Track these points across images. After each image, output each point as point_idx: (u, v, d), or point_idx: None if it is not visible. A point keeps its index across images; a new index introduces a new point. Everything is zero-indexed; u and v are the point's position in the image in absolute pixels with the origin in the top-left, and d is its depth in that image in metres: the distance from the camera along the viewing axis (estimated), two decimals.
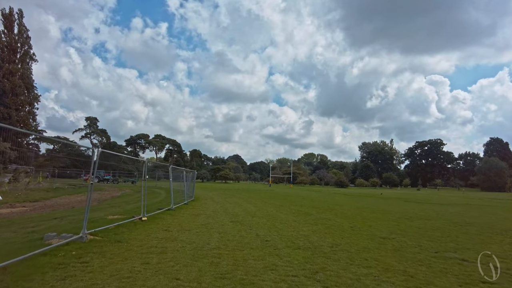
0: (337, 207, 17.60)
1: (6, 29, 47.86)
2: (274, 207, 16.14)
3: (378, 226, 10.36)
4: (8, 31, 48.11)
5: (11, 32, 48.52)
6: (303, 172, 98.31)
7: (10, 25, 48.42)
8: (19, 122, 49.12)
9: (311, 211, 14.64)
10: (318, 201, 22.76)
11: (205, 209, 13.89)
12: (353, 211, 15.48)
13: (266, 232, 8.38)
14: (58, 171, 52.52)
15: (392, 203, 23.70)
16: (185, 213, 12.22)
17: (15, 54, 49.43)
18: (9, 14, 48.24)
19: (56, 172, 46.31)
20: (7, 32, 47.89)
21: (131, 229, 7.93)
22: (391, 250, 6.77)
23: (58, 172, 53.98)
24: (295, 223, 10.43)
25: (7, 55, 48.04)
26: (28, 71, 52.32)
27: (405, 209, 18.18)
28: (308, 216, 12.69)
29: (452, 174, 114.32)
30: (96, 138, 79.44)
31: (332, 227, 9.71)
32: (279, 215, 12.68)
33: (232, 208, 14.93)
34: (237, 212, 13.21)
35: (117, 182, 50.11)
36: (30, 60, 52.72)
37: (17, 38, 49.62)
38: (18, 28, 49.97)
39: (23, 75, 50.32)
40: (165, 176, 44.96)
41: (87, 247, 5.74)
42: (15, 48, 49.19)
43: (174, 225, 8.98)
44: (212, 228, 8.58)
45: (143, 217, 9.52)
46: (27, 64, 52.00)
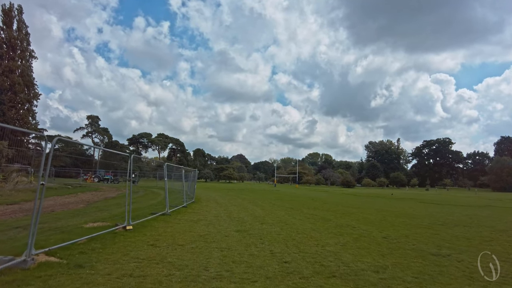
0: (355, 210, 15.66)
1: (5, 25, 46.55)
2: (285, 211, 14.24)
3: (415, 236, 8.42)
4: (7, 27, 46.79)
5: (11, 28, 47.19)
6: (308, 172, 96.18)
7: (9, 21, 47.09)
8: (18, 120, 47.87)
9: (328, 216, 12.71)
10: (330, 203, 20.81)
11: (206, 214, 12.03)
12: (375, 215, 13.53)
13: (283, 247, 6.48)
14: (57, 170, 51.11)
15: (410, 205, 21.70)
16: (182, 218, 10.36)
17: (15, 51, 48.08)
18: (9, 10, 46.91)
19: (54, 171, 44.67)
20: (6, 29, 46.58)
21: (106, 244, 6.07)
22: (461, 277, 4.85)
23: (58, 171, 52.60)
24: (315, 232, 8.51)
25: (6, 52, 46.72)
26: (28, 68, 51.00)
27: (429, 212, 16.17)
28: (327, 222, 10.76)
29: (461, 174, 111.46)
30: (97, 137, 77.98)
31: (362, 239, 7.79)
32: (293, 221, 10.78)
33: (237, 212, 13.05)
34: (243, 217, 11.33)
35: (118, 182, 48.47)
36: (30, 57, 51.44)
37: (17, 34, 48.29)
38: (18, 25, 48.63)
39: (23, 73, 49.01)
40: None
41: (25, 279, 3.89)
42: (15, 45, 47.85)
43: (165, 236, 7.11)
44: (212, 242, 6.69)
45: (128, 226, 7.66)
46: (27, 61, 50.70)
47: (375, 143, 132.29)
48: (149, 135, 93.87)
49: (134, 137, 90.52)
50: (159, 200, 18.76)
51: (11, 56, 47.88)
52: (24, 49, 50.04)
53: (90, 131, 76.39)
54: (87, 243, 6.04)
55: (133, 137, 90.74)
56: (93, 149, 15.01)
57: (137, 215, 10.11)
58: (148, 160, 63.78)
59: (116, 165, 62.53)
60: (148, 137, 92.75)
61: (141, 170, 56.73)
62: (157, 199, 18.84)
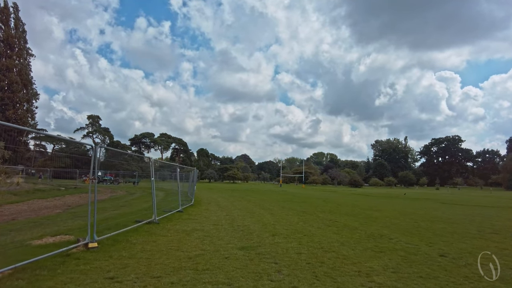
0: (377, 214, 13.44)
1: (2, 23, 45.13)
2: (297, 215, 12.07)
3: (486, 255, 6.19)
4: (4, 25, 45.35)
5: (7, 26, 45.74)
6: (314, 172, 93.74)
7: (6, 18, 45.69)
8: (17, 120, 46.25)
9: (351, 222, 10.53)
10: (345, 204, 18.58)
11: (203, 220, 9.91)
12: (404, 220, 11.31)
13: (310, 278, 4.31)
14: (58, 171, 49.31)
15: (432, 206, 19.48)
16: (173, 228, 8.25)
17: (12, 49, 46.61)
18: (4, 7, 45.47)
19: (50, 171, 42.99)
20: (3, 26, 45.13)
21: (39, 278, 3.96)
22: None
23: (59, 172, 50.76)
24: (346, 248, 6.34)
25: (4, 50, 45.21)
26: (27, 67, 49.54)
27: (462, 215, 13.89)
28: (354, 231, 8.58)
29: (471, 172, 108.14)
30: (98, 137, 76.27)
31: (413, 259, 5.61)
32: (311, 230, 8.61)
33: (242, 217, 10.90)
34: (248, 225, 9.18)
35: (118, 183, 46.58)
36: (27, 56, 50.00)
37: (14, 32, 46.84)
38: (14, 22, 47.21)
39: (21, 71, 47.54)
40: (161, 175, 41.44)
41: None
42: (12, 43, 46.40)
43: (138, 260, 4.97)
44: (205, 271, 4.52)
45: (91, 243, 5.55)
46: (24, 59, 49.24)
47: (382, 141, 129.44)
48: (152, 135, 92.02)
49: (136, 137, 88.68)
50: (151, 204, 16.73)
51: (8, 54, 46.40)
52: (21, 47, 48.69)
53: (91, 131, 74.74)
54: (13, 274, 3.94)
55: (135, 137, 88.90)
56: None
57: (116, 224, 8.04)
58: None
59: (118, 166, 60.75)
60: (151, 137, 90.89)
61: (143, 170, 54.87)
62: (149, 203, 16.81)
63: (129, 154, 59.99)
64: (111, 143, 75.57)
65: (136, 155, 45.95)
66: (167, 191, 26.39)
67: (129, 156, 55.74)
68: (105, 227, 7.47)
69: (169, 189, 28.45)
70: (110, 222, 8.60)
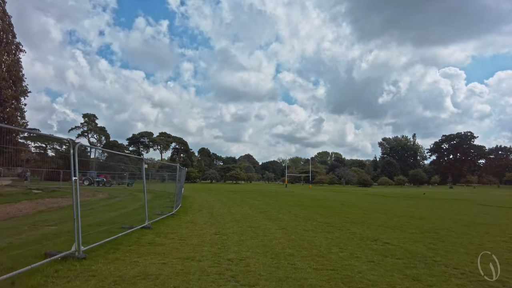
0: (429, 225, 9.57)
1: None
2: (322, 232, 8.23)
3: None
4: None
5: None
6: (320, 171, 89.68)
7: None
8: (5, 120, 42.97)
9: (412, 246, 6.64)
10: (371, 210, 14.68)
11: (174, 247, 6.10)
12: (469, 235, 7.42)
13: None
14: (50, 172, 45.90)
15: (471, 208, 15.60)
16: (131, 256, 4.49)
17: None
18: None
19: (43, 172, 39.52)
20: None
21: None
22: None
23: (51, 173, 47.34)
24: None
25: None
26: (17, 63, 46.19)
27: None
28: (434, 268, 4.76)
29: (484, 170, 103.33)
30: (94, 137, 72.85)
31: None
32: (361, 269, 4.81)
33: (238, 239, 7.06)
34: (247, 258, 5.37)
35: (110, 185, 42.96)
36: (16, 51, 46.65)
37: (0, 25, 43.44)
38: (0, 16, 43.79)
39: (9, 67, 44.19)
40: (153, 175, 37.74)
41: None
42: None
43: None
44: None
45: None
46: (13, 55, 45.90)
47: (390, 139, 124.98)
48: (151, 134, 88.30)
49: (134, 137, 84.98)
50: (133, 208, 13.01)
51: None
52: (9, 41, 45.22)
53: (86, 130, 71.24)
54: None
55: (133, 136, 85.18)
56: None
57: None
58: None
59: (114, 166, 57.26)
60: (149, 136, 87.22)
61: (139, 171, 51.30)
62: (126, 209, 13.07)
63: (117, 154, 56.36)
64: (107, 143, 72.14)
65: (124, 154, 42.45)
66: (156, 194, 22.71)
67: (117, 156, 52.34)
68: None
69: (160, 191, 24.80)
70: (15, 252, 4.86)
